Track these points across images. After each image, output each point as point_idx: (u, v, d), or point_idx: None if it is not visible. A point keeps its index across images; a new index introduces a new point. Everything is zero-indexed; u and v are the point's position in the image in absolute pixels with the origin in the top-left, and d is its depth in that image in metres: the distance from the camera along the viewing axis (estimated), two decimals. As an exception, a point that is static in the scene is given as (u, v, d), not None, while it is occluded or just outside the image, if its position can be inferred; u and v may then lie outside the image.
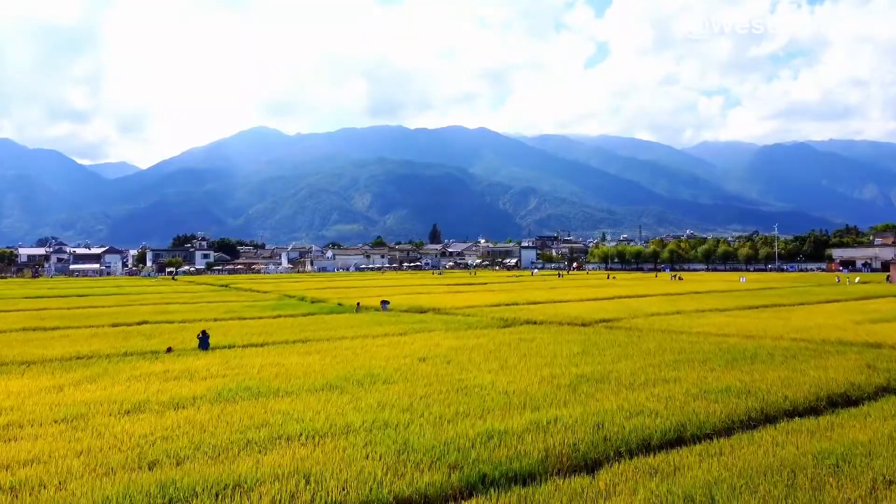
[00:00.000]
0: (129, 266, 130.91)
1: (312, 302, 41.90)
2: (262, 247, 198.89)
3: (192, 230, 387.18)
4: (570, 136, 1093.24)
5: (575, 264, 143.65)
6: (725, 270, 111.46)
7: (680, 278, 76.00)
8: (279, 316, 30.18)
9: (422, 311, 33.42)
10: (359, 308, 32.89)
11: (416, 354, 16.94)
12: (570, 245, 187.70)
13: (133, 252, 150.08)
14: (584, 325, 25.65)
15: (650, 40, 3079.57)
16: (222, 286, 69.19)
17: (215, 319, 28.76)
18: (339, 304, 37.57)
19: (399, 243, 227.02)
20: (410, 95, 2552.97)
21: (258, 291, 56.14)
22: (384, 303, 34.01)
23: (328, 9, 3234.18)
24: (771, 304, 33.96)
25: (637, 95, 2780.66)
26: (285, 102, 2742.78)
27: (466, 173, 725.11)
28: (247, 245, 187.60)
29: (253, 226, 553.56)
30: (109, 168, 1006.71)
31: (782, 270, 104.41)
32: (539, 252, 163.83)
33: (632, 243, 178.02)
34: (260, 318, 29.51)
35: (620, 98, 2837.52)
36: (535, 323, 26.65)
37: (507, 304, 35.99)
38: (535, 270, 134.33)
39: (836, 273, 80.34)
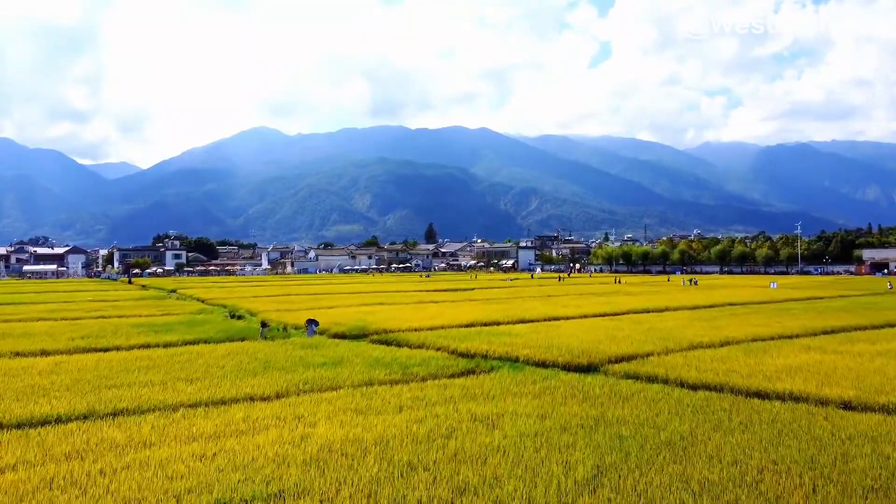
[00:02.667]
0: (98, 267, 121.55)
1: (238, 318, 32.71)
2: (254, 247, 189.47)
3: (192, 230, 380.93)
4: (571, 137, 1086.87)
5: (577, 266, 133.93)
6: (742, 273, 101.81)
7: (695, 282, 66.64)
8: (146, 346, 20.81)
9: (363, 334, 24.20)
10: (264, 332, 23.27)
11: (229, 479, 7.57)
12: (571, 245, 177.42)
13: (103, 252, 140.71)
14: (591, 368, 16.36)
15: (653, 40, 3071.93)
16: (170, 291, 60.15)
17: (43, 353, 19.39)
18: (264, 324, 28.22)
19: (394, 243, 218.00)
20: (411, 95, 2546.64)
21: (197, 300, 47.08)
22: (311, 323, 24.55)
23: (329, 9, 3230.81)
24: (848, 327, 24.51)
25: (639, 95, 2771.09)
26: (286, 102, 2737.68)
27: (467, 173, 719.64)
28: (232, 245, 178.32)
29: (253, 226, 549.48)
30: (110, 168, 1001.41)
31: (807, 273, 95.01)
32: (538, 253, 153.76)
33: (637, 244, 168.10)
34: (116, 349, 20.18)
35: (622, 98, 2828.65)
36: (514, 361, 17.41)
37: (484, 324, 26.67)
38: (538, 271, 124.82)
39: (887, 278, 70.51)
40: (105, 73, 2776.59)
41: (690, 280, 70.85)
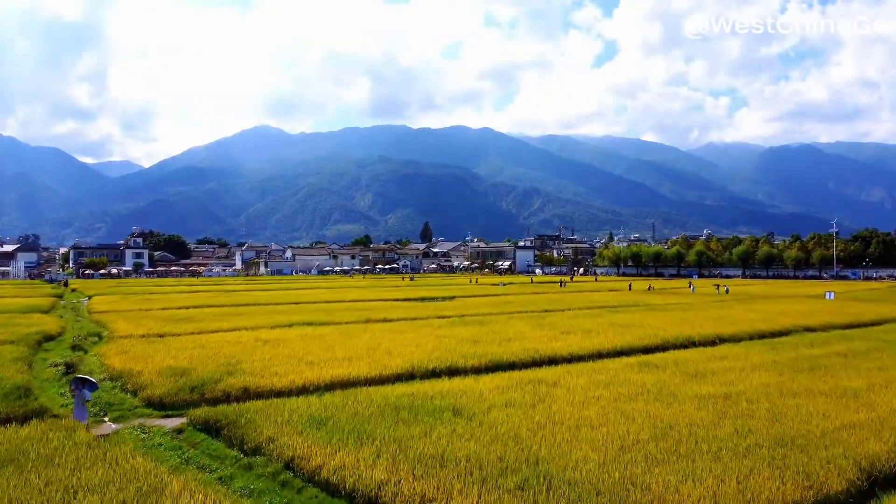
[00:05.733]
0: (56, 265, 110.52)
1: (80, 349, 21.78)
2: (230, 246, 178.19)
3: (192, 229, 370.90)
4: (574, 137, 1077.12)
5: (580, 269, 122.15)
6: (769, 277, 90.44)
7: (726, 290, 55.17)
8: None
9: (198, 398, 13.51)
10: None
11: None
12: (574, 245, 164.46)
13: (62, 250, 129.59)
14: None
15: (658, 40, 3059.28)
16: (87, 297, 49.24)
17: None
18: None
19: (388, 242, 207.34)
20: (414, 95, 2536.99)
21: (89, 311, 36.36)
22: (81, 387, 13.00)
23: (332, 7, 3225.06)
24: None
25: (643, 96, 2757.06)
26: (289, 101, 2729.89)
27: (470, 173, 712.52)
28: (213, 243, 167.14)
29: (254, 225, 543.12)
30: (112, 166, 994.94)
31: (844, 278, 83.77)
32: (538, 253, 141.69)
33: (645, 244, 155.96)
34: None
35: (626, 98, 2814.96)
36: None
37: (431, 372, 15.86)
38: (538, 273, 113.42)
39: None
40: (108, 71, 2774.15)
41: (717, 286, 59.46)
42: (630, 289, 59.78)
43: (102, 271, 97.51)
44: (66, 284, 71.65)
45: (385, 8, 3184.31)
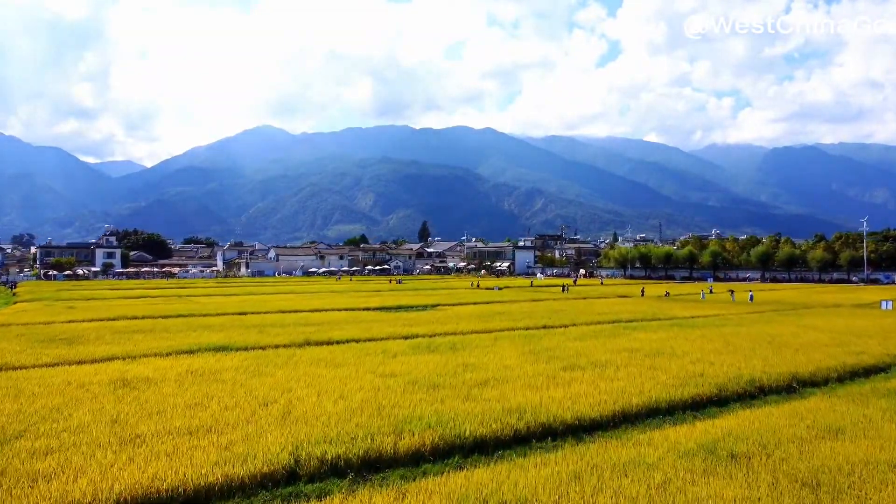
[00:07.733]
0: (27, 266, 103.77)
1: None
2: (213, 245, 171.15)
3: (194, 229, 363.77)
4: (577, 138, 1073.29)
5: (583, 271, 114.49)
6: (791, 280, 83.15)
7: (750, 296, 47.87)
8: None
9: None
10: None
11: None
12: (577, 245, 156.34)
13: (33, 249, 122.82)
14: None
15: (662, 39, 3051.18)
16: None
17: None
18: None
19: (384, 242, 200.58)
20: (417, 95, 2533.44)
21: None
22: None
23: (335, 7, 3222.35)
24: None
25: (647, 96, 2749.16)
26: (291, 102, 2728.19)
27: (472, 174, 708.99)
28: (200, 243, 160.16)
29: (255, 225, 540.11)
30: (114, 166, 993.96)
31: (876, 281, 76.52)
32: (538, 253, 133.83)
33: (654, 244, 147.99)
34: None
35: (630, 98, 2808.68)
36: None
37: (318, 475, 8.94)
38: (539, 275, 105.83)
39: None
40: (112, 71, 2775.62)
41: (731, 292, 52.22)
42: (643, 294, 52.50)
43: (68, 272, 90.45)
44: (12, 287, 64.77)
45: (387, 8, 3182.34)
